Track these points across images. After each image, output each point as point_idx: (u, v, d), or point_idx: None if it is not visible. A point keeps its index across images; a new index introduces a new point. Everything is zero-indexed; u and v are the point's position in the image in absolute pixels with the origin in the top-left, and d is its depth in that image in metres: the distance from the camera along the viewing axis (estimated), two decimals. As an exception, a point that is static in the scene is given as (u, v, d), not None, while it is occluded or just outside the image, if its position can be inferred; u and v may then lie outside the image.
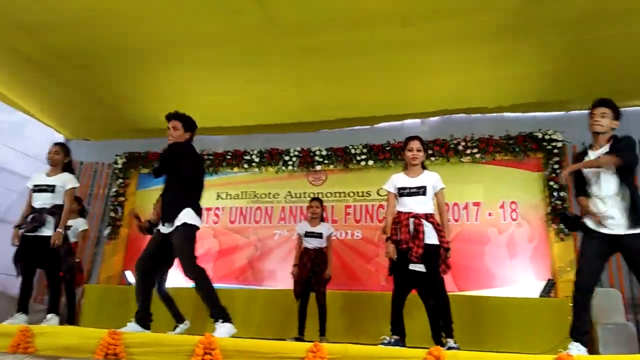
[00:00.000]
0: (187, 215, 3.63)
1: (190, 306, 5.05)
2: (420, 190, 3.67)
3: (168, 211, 3.71)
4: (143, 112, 7.12)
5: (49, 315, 4.29)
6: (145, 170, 7.80)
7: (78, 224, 5.79)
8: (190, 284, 3.59)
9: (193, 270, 3.57)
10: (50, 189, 4.42)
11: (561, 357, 2.12)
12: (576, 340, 3.11)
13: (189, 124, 3.92)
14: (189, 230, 3.64)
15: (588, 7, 4.52)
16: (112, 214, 7.56)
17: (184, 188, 3.73)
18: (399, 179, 3.79)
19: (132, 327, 3.54)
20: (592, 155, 3.38)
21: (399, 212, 3.69)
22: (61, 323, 4.59)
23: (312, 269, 4.99)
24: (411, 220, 3.57)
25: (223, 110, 6.83)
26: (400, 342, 3.45)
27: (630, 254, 3.16)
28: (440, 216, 3.73)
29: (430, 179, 3.74)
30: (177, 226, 3.61)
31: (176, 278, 5.17)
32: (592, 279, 3.22)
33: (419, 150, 3.76)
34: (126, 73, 6.13)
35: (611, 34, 4.91)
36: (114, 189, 7.73)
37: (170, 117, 3.90)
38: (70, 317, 5.62)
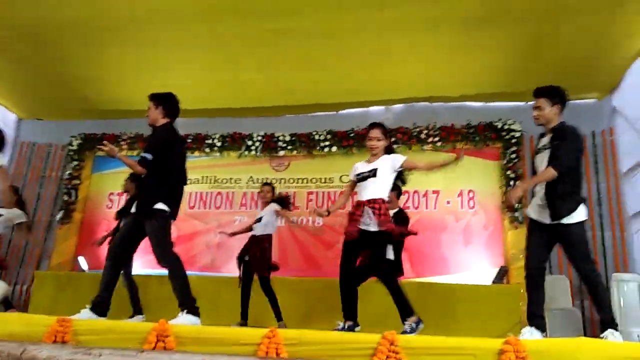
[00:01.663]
0: (162, 204, 3.53)
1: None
2: (371, 173, 3.63)
3: (145, 197, 3.59)
4: (100, 93, 6.88)
5: None
6: (101, 152, 7.55)
7: (11, 215, 5.28)
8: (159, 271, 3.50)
9: (167, 258, 3.49)
10: None
11: (509, 341, 2.18)
12: (531, 325, 3.19)
13: (160, 100, 3.77)
14: (163, 217, 3.55)
15: (548, 2, 4.65)
16: (66, 198, 7.31)
17: (165, 175, 3.61)
18: (357, 167, 3.79)
19: (86, 314, 3.42)
20: (543, 140, 3.46)
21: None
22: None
23: (246, 255, 4.98)
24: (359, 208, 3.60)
25: (184, 92, 6.49)
26: (353, 327, 3.48)
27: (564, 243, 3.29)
28: (424, 167, 3.80)
29: (386, 160, 3.68)
30: (152, 213, 3.51)
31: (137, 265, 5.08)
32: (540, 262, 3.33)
33: (378, 140, 3.72)
34: (82, 51, 5.88)
35: (567, 29, 5.06)
36: (68, 172, 7.46)
37: (150, 97, 3.77)
38: None
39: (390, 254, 4.23)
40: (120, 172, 7.09)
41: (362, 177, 3.68)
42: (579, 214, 3.21)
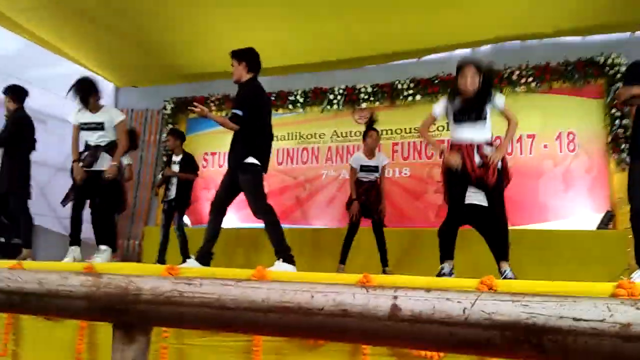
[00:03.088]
0: (253, 158, 3.68)
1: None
2: (481, 116, 3.46)
3: (237, 152, 3.74)
4: (185, 57, 7.13)
5: (103, 247, 4.37)
6: (193, 115, 7.89)
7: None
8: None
9: (262, 209, 3.66)
10: (100, 126, 4.43)
11: (622, 284, 2.05)
12: None
13: (242, 56, 3.85)
14: (255, 171, 3.69)
15: None
16: (165, 159, 7.78)
17: (253, 130, 3.73)
18: (453, 102, 3.55)
19: (191, 262, 3.70)
20: None
21: (454, 142, 3.51)
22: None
23: (366, 201, 4.96)
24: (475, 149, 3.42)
25: (264, 49, 6.64)
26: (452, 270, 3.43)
27: None
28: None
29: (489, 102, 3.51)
30: (245, 167, 3.67)
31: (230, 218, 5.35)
32: None
33: (472, 77, 3.46)
34: (163, 15, 6.04)
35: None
36: (164, 135, 7.91)
37: (232, 55, 3.87)
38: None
39: None
40: (212, 132, 7.43)
41: (469, 118, 3.49)
42: None
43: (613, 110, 5.75)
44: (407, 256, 5.38)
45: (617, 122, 5.69)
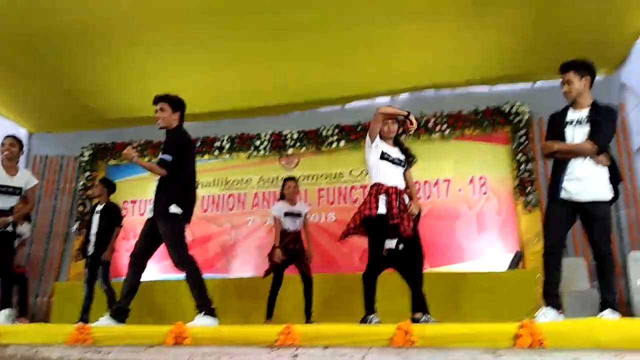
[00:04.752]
0: (176, 207, 3.57)
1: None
2: (401, 164, 3.69)
3: (160, 201, 3.61)
4: (106, 102, 6.96)
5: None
6: (113, 161, 7.65)
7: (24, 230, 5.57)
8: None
9: (183, 260, 3.54)
10: (18, 191, 4.35)
11: (524, 324, 2.18)
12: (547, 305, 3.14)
13: (177, 105, 3.80)
14: (178, 220, 3.59)
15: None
16: (81, 208, 7.40)
17: (178, 177, 3.64)
18: (380, 142, 3.67)
19: (105, 320, 3.48)
20: (572, 114, 3.33)
21: (380, 184, 3.58)
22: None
23: (293, 251, 4.94)
24: (398, 195, 3.55)
25: (190, 95, 6.55)
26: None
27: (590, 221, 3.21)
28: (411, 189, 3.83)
29: (403, 153, 3.76)
30: (167, 217, 3.55)
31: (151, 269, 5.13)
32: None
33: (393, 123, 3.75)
34: (84, 60, 5.93)
35: (571, 7, 4.99)
36: (81, 183, 7.55)
37: (157, 99, 3.78)
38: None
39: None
40: (133, 179, 7.20)
41: (393, 161, 3.66)
42: (610, 191, 3.18)
43: (519, 156, 6.22)
44: (334, 302, 5.39)
45: (522, 166, 6.16)
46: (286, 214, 5.03)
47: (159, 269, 6.34)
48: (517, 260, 5.65)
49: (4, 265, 4.34)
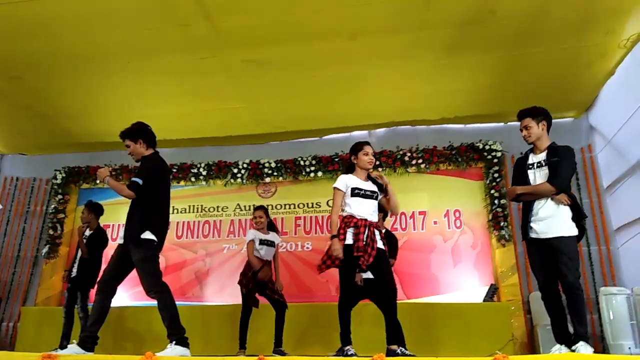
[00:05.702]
0: (149, 233, 3.50)
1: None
2: (374, 195, 3.73)
3: (132, 227, 3.54)
4: (82, 125, 6.87)
5: None
6: (86, 185, 7.52)
7: None
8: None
9: (155, 288, 3.45)
10: None
11: (497, 358, 2.20)
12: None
13: (136, 134, 3.74)
14: (151, 247, 3.51)
15: (523, 25, 4.80)
16: (51, 232, 7.20)
17: (152, 204, 3.59)
18: (351, 179, 3.75)
19: (73, 348, 3.36)
20: (532, 157, 3.57)
21: (352, 216, 3.65)
22: None
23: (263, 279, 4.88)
24: (367, 228, 3.58)
25: (167, 122, 6.62)
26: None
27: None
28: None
29: (375, 186, 3.81)
30: (139, 243, 3.48)
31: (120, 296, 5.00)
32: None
33: (373, 155, 3.82)
34: (61, 83, 5.86)
35: (541, 51, 5.21)
36: (52, 206, 7.37)
37: (121, 137, 3.75)
38: None
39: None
40: (106, 204, 7.04)
41: (365, 194, 3.71)
42: (574, 228, 3.34)
43: (492, 191, 6.38)
44: (310, 332, 5.33)
45: (496, 202, 6.31)
46: (261, 241, 5.00)
47: (129, 295, 6.19)
48: (492, 293, 5.72)
49: None
